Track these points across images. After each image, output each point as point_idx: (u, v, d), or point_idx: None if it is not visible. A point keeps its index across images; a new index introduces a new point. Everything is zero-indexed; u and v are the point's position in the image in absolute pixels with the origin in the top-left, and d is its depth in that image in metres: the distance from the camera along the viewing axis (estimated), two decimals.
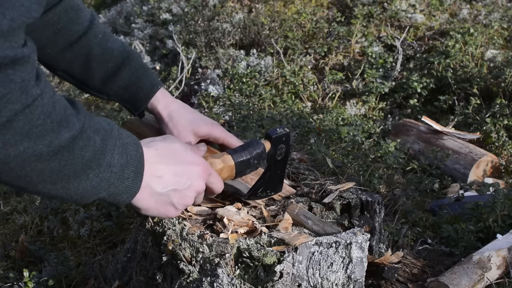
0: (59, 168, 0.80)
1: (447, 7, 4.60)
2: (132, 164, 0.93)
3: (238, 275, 1.19)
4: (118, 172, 0.90)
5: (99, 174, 0.86)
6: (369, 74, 3.78)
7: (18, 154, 0.74)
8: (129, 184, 0.93)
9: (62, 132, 0.78)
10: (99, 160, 0.85)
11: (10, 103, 0.70)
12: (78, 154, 0.81)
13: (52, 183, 0.81)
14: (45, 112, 0.75)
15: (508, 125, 3.04)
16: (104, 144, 0.86)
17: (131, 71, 1.44)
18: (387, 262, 1.43)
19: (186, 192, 1.08)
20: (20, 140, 0.73)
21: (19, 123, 0.72)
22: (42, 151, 0.76)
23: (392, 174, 2.50)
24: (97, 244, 2.00)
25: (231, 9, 4.67)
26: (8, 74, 0.69)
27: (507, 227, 1.87)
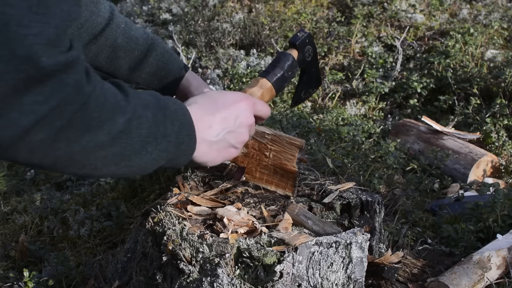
0: (120, 150, 0.85)
1: (447, 7, 4.60)
2: (184, 128, 0.97)
3: (238, 275, 1.19)
4: (173, 140, 0.94)
5: (157, 146, 0.91)
6: (369, 74, 3.78)
7: (81, 148, 0.79)
8: (185, 147, 0.98)
9: (117, 117, 0.82)
10: (155, 134, 0.90)
11: (69, 104, 0.74)
12: (135, 134, 0.86)
13: (115, 164, 0.86)
14: (99, 104, 0.79)
15: (508, 125, 3.04)
16: (155, 118, 0.90)
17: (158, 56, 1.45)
18: (387, 262, 1.43)
19: (239, 130, 1.12)
20: (81, 135, 0.77)
21: (78, 120, 0.76)
22: (103, 140, 0.81)
23: (392, 174, 2.50)
24: (97, 244, 2.00)
25: (231, 9, 4.67)
26: (63, 78, 0.72)
27: (507, 227, 1.87)
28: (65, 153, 0.78)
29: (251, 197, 1.48)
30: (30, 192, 2.67)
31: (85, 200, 2.33)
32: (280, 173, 1.43)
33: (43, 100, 0.71)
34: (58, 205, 2.29)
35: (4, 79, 0.68)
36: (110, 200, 2.24)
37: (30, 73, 0.69)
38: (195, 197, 1.44)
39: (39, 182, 2.90)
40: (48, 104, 0.71)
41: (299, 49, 1.35)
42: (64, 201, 2.32)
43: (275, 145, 1.43)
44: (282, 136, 1.40)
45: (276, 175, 1.43)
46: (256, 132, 1.38)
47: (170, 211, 1.35)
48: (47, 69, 0.70)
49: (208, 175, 1.62)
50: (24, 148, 0.74)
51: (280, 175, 1.43)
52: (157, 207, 1.38)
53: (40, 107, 0.71)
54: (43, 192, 2.53)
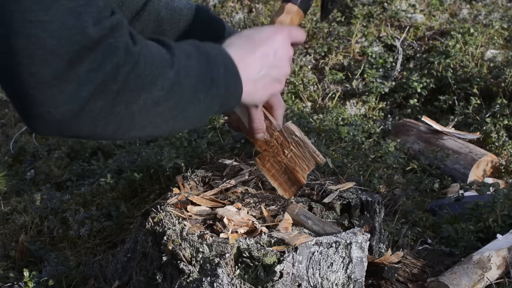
0: (175, 103, 0.86)
1: (447, 7, 4.60)
2: (228, 70, 0.98)
3: (238, 275, 1.19)
4: (221, 83, 0.95)
5: (208, 92, 0.92)
6: (369, 74, 3.78)
7: (140, 108, 0.80)
8: (233, 88, 0.99)
9: (167, 71, 0.83)
10: (203, 81, 0.91)
11: (121, 67, 0.75)
12: (186, 84, 0.87)
13: (173, 118, 0.88)
14: (148, 61, 0.80)
15: (508, 125, 3.04)
16: (200, 65, 0.91)
17: (204, 24, 1.44)
18: (387, 262, 1.43)
19: (281, 63, 1.12)
20: (138, 95, 0.79)
21: (132, 80, 0.77)
22: (159, 96, 0.82)
23: (392, 174, 2.50)
24: (97, 244, 2.00)
25: (231, 9, 4.67)
26: (112, 43, 0.74)
27: (507, 227, 1.87)
28: (126, 115, 0.79)
29: (251, 197, 1.48)
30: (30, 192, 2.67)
31: (85, 200, 2.33)
32: (288, 176, 1.43)
33: (97, 67, 0.73)
34: (58, 205, 2.29)
35: (59, 54, 0.70)
36: (110, 200, 2.24)
37: (83, 43, 0.71)
38: (195, 197, 1.44)
39: (39, 182, 2.90)
40: (103, 70, 0.73)
41: None
42: (64, 201, 2.32)
43: (297, 148, 1.43)
44: (308, 145, 1.40)
45: (284, 175, 1.43)
46: (286, 128, 1.39)
47: (170, 211, 1.35)
48: (96, 36, 0.72)
49: (208, 175, 1.63)
50: (87, 119, 0.75)
51: (287, 177, 1.43)
52: (157, 207, 1.38)
53: (96, 74, 0.73)
54: (43, 192, 2.53)
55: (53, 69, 0.70)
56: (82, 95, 0.73)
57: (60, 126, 0.75)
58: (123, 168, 2.42)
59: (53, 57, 0.70)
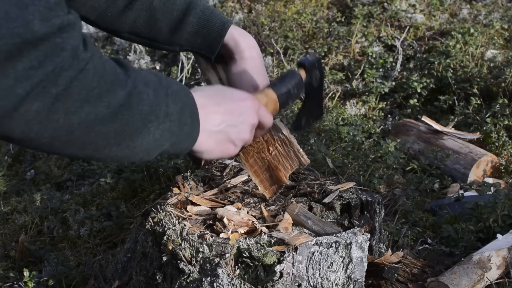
0: (121, 127, 0.82)
1: (447, 7, 4.60)
2: (187, 108, 0.94)
3: (238, 275, 1.19)
4: (176, 119, 0.91)
5: (159, 125, 0.88)
6: (369, 74, 3.78)
7: (81, 121, 0.76)
8: (188, 129, 0.95)
9: (118, 90, 0.80)
10: (156, 112, 0.87)
11: (64, 70, 0.71)
12: (136, 110, 0.83)
13: (117, 144, 0.83)
14: (97, 73, 0.77)
15: (508, 125, 3.04)
16: (157, 95, 0.88)
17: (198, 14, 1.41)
18: (387, 262, 1.43)
19: (242, 127, 1.09)
20: (80, 106, 0.75)
21: (76, 89, 0.73)
22: (103, 113, 0.78)
23: (392, 174, 2.50)
24: (97, 244, 2.00)
25: (231, 9, 4.67)
26: (58, 43, 0.71)
27: (507, 227, 1.87)
28: (64, 125, 0.74)
29: (251, 197, 1.48)
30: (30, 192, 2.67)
31: (85, 200, 2.33)
32: (270, 173, 1.42)
33: (38, 65, 0.69)
34: (58, 205, 2.29)
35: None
36: (110, 200, 2.24)
37: (25, 36, 0.67)
38: (195, 197, 1.44)
39: (39, 182, 2.90)
40: (43, 69, 0.69)
41: (307, 71, 1.33)
42: (64, 201, 2.32)
43: (282, 147, 1.42)
44: (293, 145, 1.40)
45: (266, 173, 1.42)
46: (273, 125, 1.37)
47: (170, 211, 1.35)
48: (41, 32, 0.68)
49: (208, 175, 1.63)
50: (20, 119, 0.71)
51: (269, 175, 1.42)
52: (157, 207, 1.38)
53: (35, 72, 0.69)
54: (43, 192, 2.53)
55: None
56: (17, 92, 0.68)
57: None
58: (123, 168, 2.42)
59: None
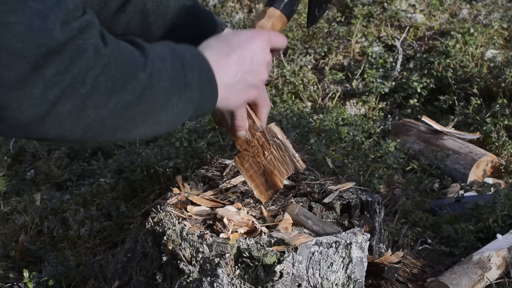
0: (147, 107, 0.84)
1: (447, 7, 4.60)
2: (203, 74, 0.95)
3: (238, 275, 1.19)
4: (196, 87, 0.92)
5: (181, 97, 0.89)
6: (369, 74, 3.78)
7: (110, 111, 0.78)
8: (208, 93, 0.96)
9: (139, 74, 0.81)
10: (177, 84, 0.89)
11: (90, 69, 0.73)
12: (158, 88, 0.85)
13: (145, 122, 0.85)
14: (119, 64, 0.78)
15: (508, 125, 3.04)
16: (174, 68, 0.89)
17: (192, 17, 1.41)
18: (387, 262, 1.43)
19: (258, 68, 1.08)
20: (108, 99, 0.77)
21: (102, 83, 0.75)
22: (130, 99, 0.80)
23: (392, 174, 2.50)
24: (97, 244, 2.00)
25: (231, 9, 4.67)
26: (80, 45, 0.72)
27: (507, 227, 1.87)
28: (95, 119, 0.77)
29: (251, 197, 1.48)
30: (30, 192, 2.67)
31: (85, 200, 2.33)
32: (266, 178, 1.41)
33: (64, 70, 0.71)
34: (58, 205, 2.29)
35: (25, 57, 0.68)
36: (110, 200, 2.24)
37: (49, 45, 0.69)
38: (195, 197, 1.44)
39: (39, 182, 2.90)
40: (70, 73, 0.71)
41: None
42: (64, 201, 2.32)
43: (277, 151, 1.42)
44: (289, 149, 1.39)
45: (261, 177, 1.41)
46: (268, 129, 1.37)
47: (170, 211, 1.35)
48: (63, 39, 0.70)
49: (208, 175, 1.63)
50: (54, 122, 0.73)
51: (265, 179, 1.41)
52: (157, 207, 1.38)
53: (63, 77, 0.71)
54: (43, 192, 2.53)
55: (18, 72, 0.68)
56: (48, 99, 0.71)
57: (27, 129, 0.73)
58: (123, 168, 2.42)
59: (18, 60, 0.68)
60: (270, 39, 1.14)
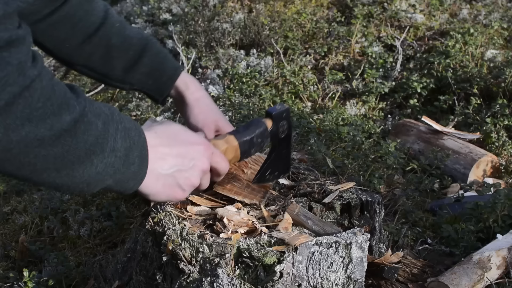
0: (62, 153, 0.78)
1: (447, 7, 4.60)
2: (136, 148, 0.91)
3: (238, 275, 1.19)
4: (123, 156, 0.88)
5: (103, 159, 0.84)
6: (369, 74, 3.78)
7: (20, 139, 0.73)
8: (135, 169, 0.92)
9: (63, 115, 0.77)
10: (102, 145, 0.84)
11: (8, 85, 0.70)
12: (81, 138, 0.80)
13: (57, 170, 0.80)
14: (44, 94, 0.74)
15: (508, 125, 3.04)
16: (106, 128, 0.85)
17: (152, 56, 1.44)
18: (387, 262, 1.43)
19: (191, 172, 1.06)
20: (21, 125, 0.72)
21: (19, 106, 0.71)
22: (44, 135, 0.75)
23: (392, 174, 2.50)
24: (97, 244, 2.00)
25: (231, 9, 4.67)
26: (4, 57, 0.69)
27: (507, 227, 1.87)
28: (1, 141, 0.72)
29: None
30: (30, 192, 2.67)
31: (85, 200, 2.33)
32: (252, 188, 1.42)
33: None
34: (58, 205, 2.29)
35: None
36: (110, 200, 2.24)
37: None
38: (195, 197, 1.44)
39: None
40: None
41: (274, 120, 1.30)
42: (64, 201, 2.32)
43: (256, 164, 1.44)
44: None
45: (247, 188, 1.42)
46: None
47: (170, 211, 1.35)
48: None
49: None
50: None
51: (251, 189, 1.42)
52: (157, 207, 1.38)
53: None
54: (43, 192, 2.53)
55: None
56: None
57: None
58: None
59: None
60: (215, 156, 1.13)
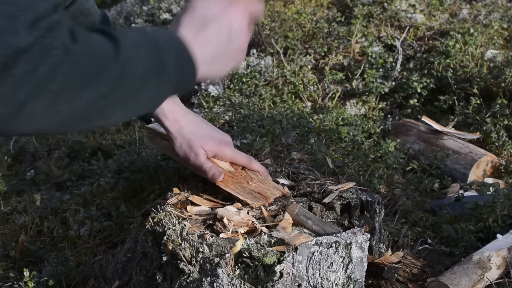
0: (122, 95, 0.84)
1: (447, 7, 4.60)
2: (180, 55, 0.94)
3: (238, 275, 1.19)
4: (173, 70, 0.91)
5: (159, 80, 0.89)
6: (369, 74, 3.78)
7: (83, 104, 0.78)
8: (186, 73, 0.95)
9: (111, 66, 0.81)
10: (152, 70, 0.88)
11: (59, 66, 0.74)
12: (132, 75, 0.84)
13: (123, 107, 0.86)
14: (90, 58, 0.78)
15: (508, 125, 3.04)
16: (148, 53, 0.88)
17: None
18: (387, 262, 1.43)
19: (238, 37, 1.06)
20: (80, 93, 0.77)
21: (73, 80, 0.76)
22: (103, 90, 0.80)
23: (392, 174, 2.50)
24: (97, 244, 2.00)
25: None
26: (47, 43, 0.73)
27: (507, 227, 1.87)
28: (69, 113, 0.78)
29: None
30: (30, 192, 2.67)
31: (85, 200, 2.33)
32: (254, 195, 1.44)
33: (33, 68, 0.71)
34: (58, 205, 2.29)
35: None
36: (110, 200, 2.24)
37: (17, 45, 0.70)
38: (195, 197, 1.44)
39: (39, 182, 2.90)
40: (39, 71, 0.72)
41: None
42: (64, 201, 2.32)
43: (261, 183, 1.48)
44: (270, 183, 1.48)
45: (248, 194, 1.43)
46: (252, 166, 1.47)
47: (170, 211, 1.35)
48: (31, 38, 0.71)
49: None
50: (27, 118, 0.74)
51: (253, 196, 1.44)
52: (157, 207, 1.38)
53: (32, 76, 0.71)
54: (43, 192, 2.53)
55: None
56: (18, 97, 0.71)
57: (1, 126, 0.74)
58: (123, 168, 2.42)
59: None
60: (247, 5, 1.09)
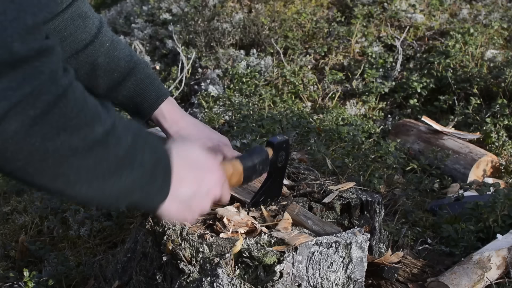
0: (94, 165, 0.80)
1: (447, 7, 4.60)
2: (162, 162, 0.93)
3: (238, 275, 1.19)
4: (150, 169, 0.90)
5: (132, 172, 0.86)
6: (369, 74, 3.78)
7: (55, 148, 0.75)
8: (159, 184, 0.93)
9: (96, 126, 0.79)
10: (131, 158, 0.86)
11: (43, 94, 0.72)
12: (112, 151, 0.82)
13: (88, 182, 0.82)
14: (78, 105, 0.76)
15: (508, 125, 3.04)
16: (135, 143, 0.87)
17: (137, 81, 1.46)
18: (387, 262, 1.43)
19: (205, 199, 1.08)
20: (56, 134, 0.74)
21: (55, 116, 0.73)
22: (78, 145, 0.77)
23: (392, 174, 2.50)
24: (97, 244, 2.00)
25: (231, 9, 4.67)
26: (36, 66, 0.71)
27: (507, 227, 1.87)
28: (39, 151, 0.74)
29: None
30: (30, 192, 2.67)
31: None
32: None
33: (16, 86, 0.69)
34: (58, 205, 2.29)
35: None
36: None
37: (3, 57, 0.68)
38: None
39: None
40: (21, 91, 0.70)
41: (274, 150, 1.34)
42: (64, 201, 2.32)
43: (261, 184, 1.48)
44: None
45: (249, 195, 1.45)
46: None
47: None
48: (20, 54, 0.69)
49: None
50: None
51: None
52: None
53: (13, 93, 0.69)
54: (43, 192, 2.52)
55: None
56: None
57: None
58: None
59: None
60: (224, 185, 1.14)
